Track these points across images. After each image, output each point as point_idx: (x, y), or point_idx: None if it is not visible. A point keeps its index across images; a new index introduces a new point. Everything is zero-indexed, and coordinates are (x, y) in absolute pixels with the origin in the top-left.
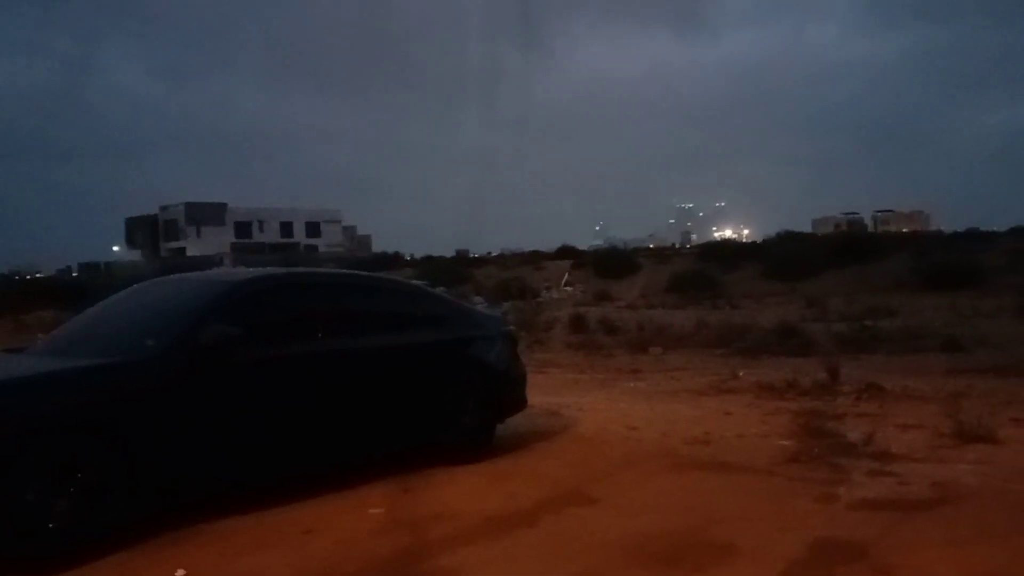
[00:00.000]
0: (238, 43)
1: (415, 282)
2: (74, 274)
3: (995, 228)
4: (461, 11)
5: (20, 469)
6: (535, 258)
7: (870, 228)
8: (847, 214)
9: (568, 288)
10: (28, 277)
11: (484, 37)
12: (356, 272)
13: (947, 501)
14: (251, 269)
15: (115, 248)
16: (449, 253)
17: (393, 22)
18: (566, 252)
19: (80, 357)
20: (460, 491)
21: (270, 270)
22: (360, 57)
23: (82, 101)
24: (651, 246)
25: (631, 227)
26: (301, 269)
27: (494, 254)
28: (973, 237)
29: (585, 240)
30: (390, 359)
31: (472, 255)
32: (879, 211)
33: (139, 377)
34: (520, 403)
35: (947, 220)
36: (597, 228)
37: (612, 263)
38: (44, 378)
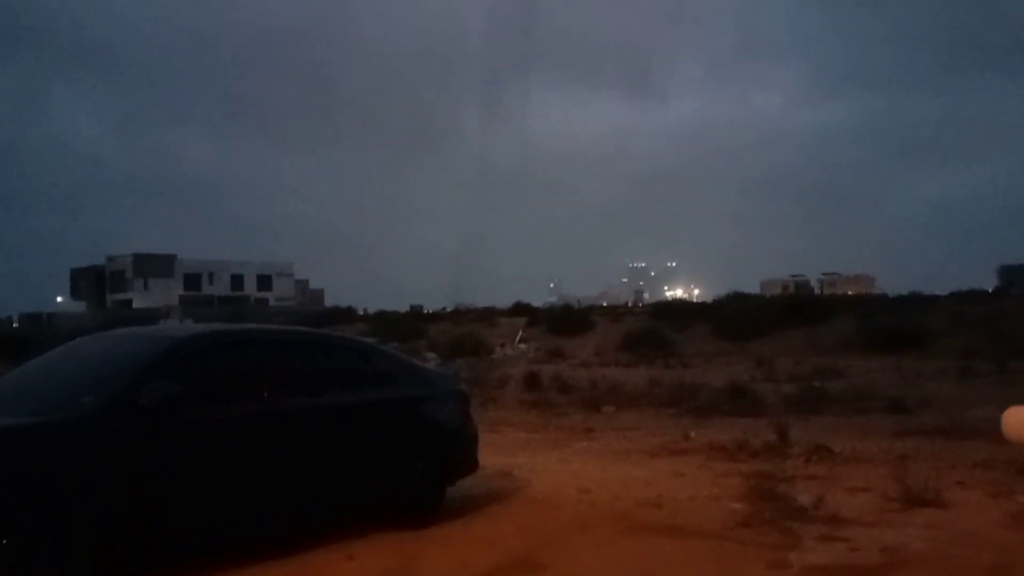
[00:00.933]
0: (189, 94)
1: (365, 339)
2: (15, 325)
3: (936, 292)
4: (414, 68)
5: None
6: (489, 314)
7: (816, 290)
8: (794, 276)
9: (522, 345)
10: None
11: (439, 94)
12: (304, 329)
13: (897, 566)
14: (196, 325)
15: (59, 299)
16: (403, 308)
17: (350, 78)
18: (520, 309)
19: (12, 414)
20: (408, 558)
21: (215, 326)
22: (315, 111)
23: (25, 148)
24: (604, 304)
25: (584, 285)
26: (247, 325)
27: (448, 310)
28: (916, 300)
29: (539, 297)
30: (338, 419)
31: (426, 311)
32: (825, 273)
33: (74, 436)
34: (472, 465)
35: (891, 283)
36: (551, 285)
37: (566, 321)
38: None
